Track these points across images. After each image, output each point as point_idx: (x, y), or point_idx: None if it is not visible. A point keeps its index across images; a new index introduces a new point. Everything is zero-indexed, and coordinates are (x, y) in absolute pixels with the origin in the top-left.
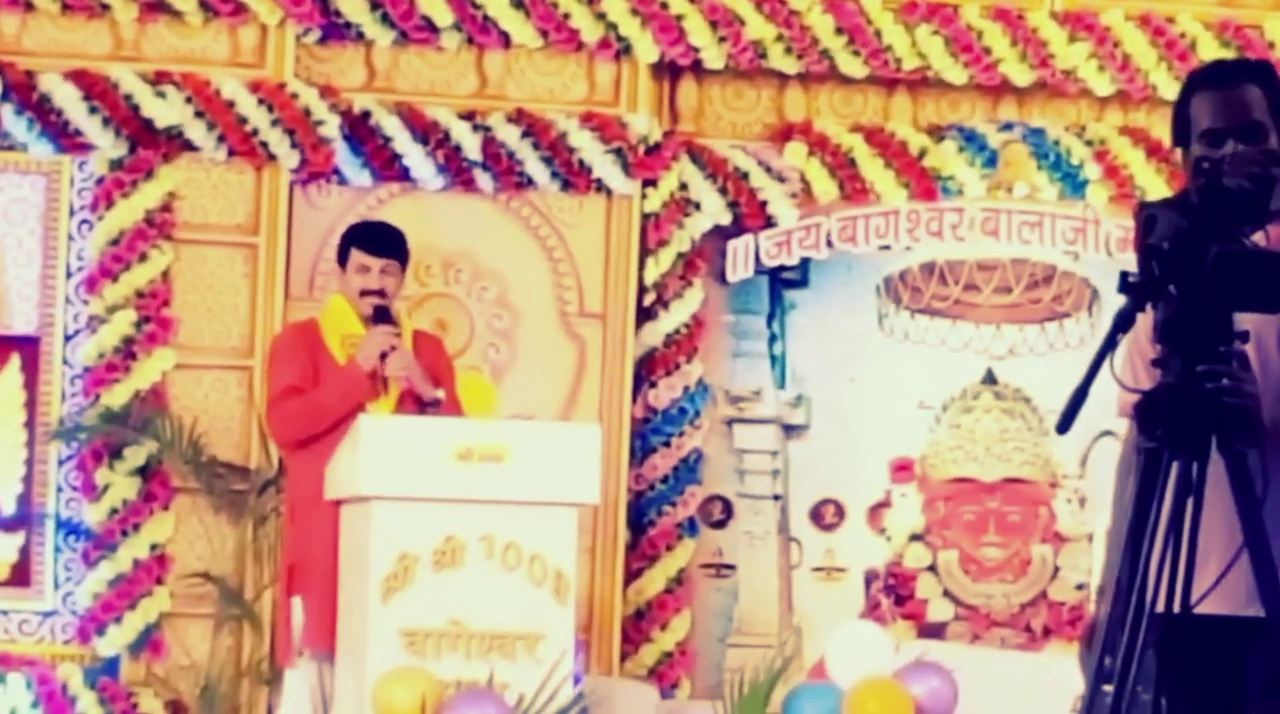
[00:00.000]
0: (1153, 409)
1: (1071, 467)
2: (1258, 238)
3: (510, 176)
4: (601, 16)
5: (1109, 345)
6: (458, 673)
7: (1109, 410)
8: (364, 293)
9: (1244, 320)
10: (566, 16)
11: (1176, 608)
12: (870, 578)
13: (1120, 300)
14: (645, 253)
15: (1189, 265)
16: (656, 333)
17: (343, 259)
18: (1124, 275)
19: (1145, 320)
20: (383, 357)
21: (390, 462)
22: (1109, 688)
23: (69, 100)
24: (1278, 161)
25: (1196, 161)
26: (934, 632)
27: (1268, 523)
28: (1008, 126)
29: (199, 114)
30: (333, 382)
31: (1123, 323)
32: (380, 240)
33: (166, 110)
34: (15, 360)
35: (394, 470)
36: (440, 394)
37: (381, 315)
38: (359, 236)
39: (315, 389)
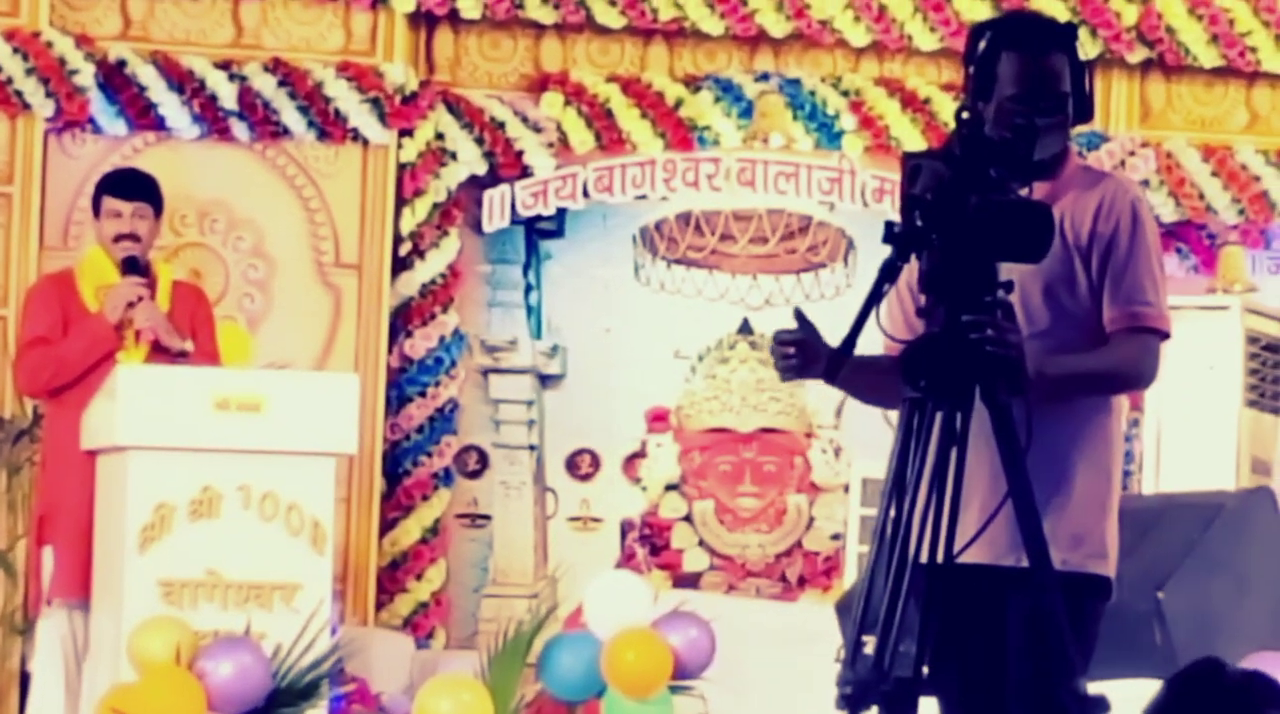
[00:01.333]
0: (917, 359)
1: (827, 417)
2: (1023, 192)
3: (266, 126)
4: None
5: (875, 296)
6: (215, 623)
7: None
8: (117, 238)
9: (1008, 270)
10: None
11: (939, 558)
12: (626, 528)
13: (881, 251)
14: (401, 203)
15: (951, 215)
16: (412, 283)
17: (96, 208)
18: (889, 225)
19: (909, 270)
20: (130, 306)
21: (147, 411)
22: (869, 639)
23: None
24: (1041, 112)
25: (957, 112)
26: (690, 581)
27: (1030, 473)
28: (764, 77)
29: None
30: (77, 333)
31: (888, 273)
32: (130, 184)
33: None
34: None
35: (151, 420)
36: (188, 346)
37: (131, 266)
38: (109, 183)
39: (62, 340)
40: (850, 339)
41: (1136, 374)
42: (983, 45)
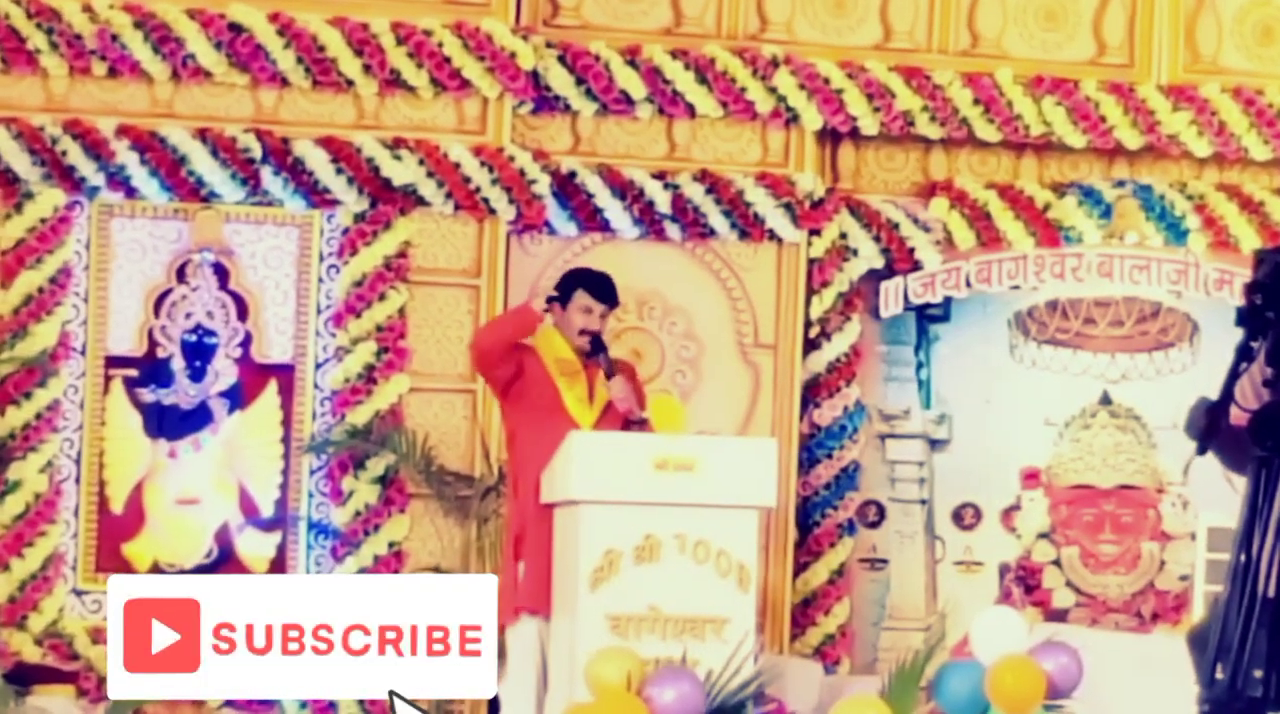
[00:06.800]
0: (1264, 423)
1: (1175, 475)
2: None
3: (695, 227)
4: (773, 90)
5: (1234, 374)
6: (656, 652)
7: None
8: (583, 331)
9: None
10: (743, 90)
11: None
12: (1003, 570)
13: (1222, 332)
14: (811, 292)
15: None
16: (820, 361)
17: (565, 297)
18: (1239, 310)
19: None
20: (607, 374)
21: (597, 471)
22: (1223, 665)
23: (319, 163)
24: None
25: None
26: (1058, 616)
27: None
28: (1120, 183)
29: (430, 174)
30: (509, 311)
31: (1244, 353)
32: (606, 289)
33: (402, 171)
34: (274, 385)
35: (601, 478)
36: (646, 415)
37: (597, 344)
38: (588, 282)
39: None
40: (1220, 411)
41: None
42: None
